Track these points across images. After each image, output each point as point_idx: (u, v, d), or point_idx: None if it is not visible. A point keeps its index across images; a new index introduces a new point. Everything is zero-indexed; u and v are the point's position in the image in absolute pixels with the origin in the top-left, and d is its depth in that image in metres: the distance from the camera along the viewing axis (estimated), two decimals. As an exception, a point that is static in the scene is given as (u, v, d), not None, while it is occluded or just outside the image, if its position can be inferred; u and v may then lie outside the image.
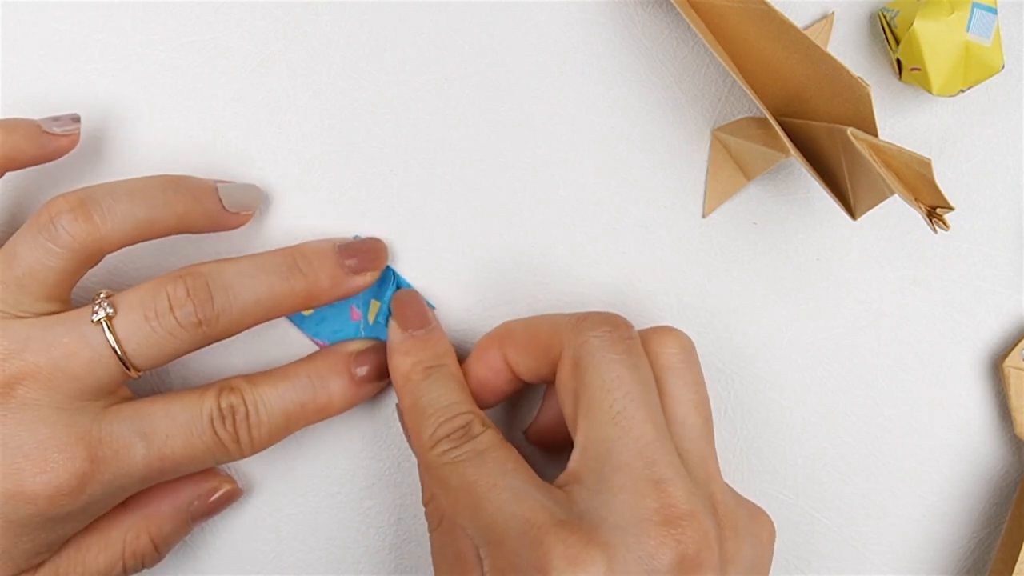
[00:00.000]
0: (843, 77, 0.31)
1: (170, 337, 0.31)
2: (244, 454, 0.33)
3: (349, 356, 0.35)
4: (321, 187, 0.36)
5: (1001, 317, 0.38)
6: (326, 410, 0.34)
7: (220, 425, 0.32)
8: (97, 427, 0.30)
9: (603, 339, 0.31)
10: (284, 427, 0.34)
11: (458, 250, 0.37)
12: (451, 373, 0.34)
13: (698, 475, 0.31)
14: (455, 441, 0.31)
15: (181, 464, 0.32)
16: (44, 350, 0.30)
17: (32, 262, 0.30)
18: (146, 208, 0.31)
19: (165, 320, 0.31)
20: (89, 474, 0.30)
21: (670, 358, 0.32)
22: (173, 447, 0.31)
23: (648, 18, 0.37)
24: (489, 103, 0.36)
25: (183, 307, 0.31)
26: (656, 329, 0.33)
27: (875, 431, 0.38)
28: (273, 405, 0.33)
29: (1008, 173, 0.38)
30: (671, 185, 0.37)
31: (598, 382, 0.31)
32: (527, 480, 0.30)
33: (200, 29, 0.35)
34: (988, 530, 0.39)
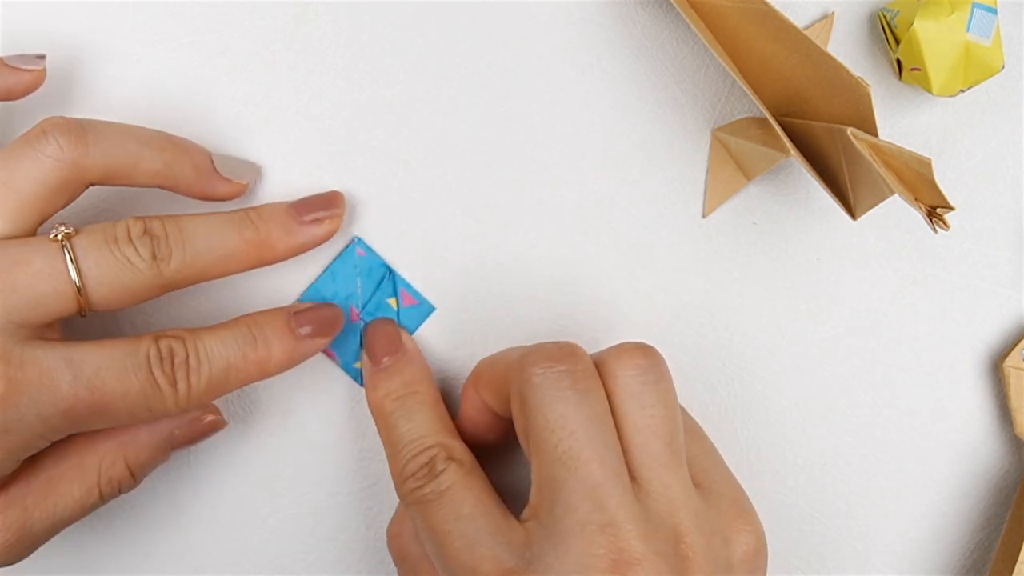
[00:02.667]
0: (843, 77, 0.31)
1: (127, 266, 0.30)
2: (180, 404, 0.31)
3: (289, 314, 0.34)
4: (321, 187, 0.36)
5: (1001, 317, 0.38)
6: (266, 363, 0.33)
7: (158, 366, 0.30)
8: (19, 349, 0.29)
9: (545, 376, 0.30)
10: (224, 379, 0.32)
11: (458, 250, 0.37)
12: (421, 401, 0.34)
13: (658, 507, 0.29)
14: (420, 480, 0.31)
15: (112, 403, 0.30)
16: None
17: (14, 168, 0.30)
18: (137, 144, 0.31)
19: (124, 247, 0.30)
20: (6, 395, 0.28)
21: (625, 380, 0.31)
22: (104, 380, 0.29)
23: (648, 18, 0.37)
24: (489, 103, 0.36)
25: (140, 238, 0.30)
26: (614, 349, 0.32)
27: (875, 431, 0.38)
28: (214, 353, 0.32)
29: (1008, 173, 0.38)
30: (671, 185, 0.37)
31: (541, 422, 0.30)
32: (482, 525, 0.30)
33: (200, 29, 0.35)
34: (988, 530, 0.39)
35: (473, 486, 0.31)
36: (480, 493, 0.31)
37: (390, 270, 0.36)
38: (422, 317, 0.37)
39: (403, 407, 0.33)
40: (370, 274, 0.36)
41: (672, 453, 0.30)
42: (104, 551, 0.37)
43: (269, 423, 0.37)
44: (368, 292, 0.36)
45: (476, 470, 0.32)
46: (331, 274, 0.36)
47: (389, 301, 0.36)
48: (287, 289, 0.36)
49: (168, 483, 0.36)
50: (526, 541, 0.30)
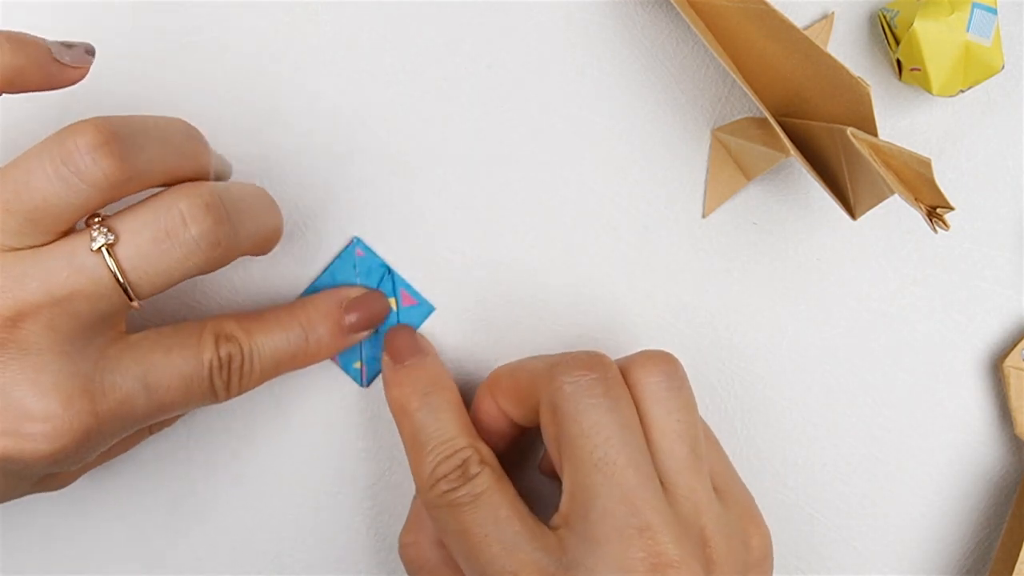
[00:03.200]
0: (843, 77, 0.31)
1: (182, 261, 0.29)
2: (230, 397, 0.32)
3: (340, 304, 0.35)
4: (321, 187, 0.36)
5: (1001, 317, 0.38)
6: (314, 359, 0.34)
7: (217, 374, 0.31)
8: (100, 378, 0.29)
9: (577, 384, 0.31)
10: (272, 373, 0.33)
11: (458, 250, 0.37)
12: (447, 400, 0.33)
13: (685, 511, 0.30)
14: (453, 482, 0.31)
15: (175, 409, 0.31)
16: (41, 286, 0.27)
17: (49, 195, 0.27)
18: (176, 156, 0.30)
19: (178, 244, 0.28)
20: (93, 430, 0.29)
21: (652, 387, 0.31)
22: (173, 396, 0.30)
23: (648, 18, 0.37)
24: (489, 103, 0.36)
25: (202, 223, 0.29)
26: (637, 357, 0.32)
27: (875, 431, 0.38)
28: (266, 354, 0.33)
29: (1008, 173, 0.38)
30: (671, 185, 0.37)
31: (576, 430, 0.30)
32: (519, 530, 0.30)
33: (200, 29, 0.35)
34: (988, 530, 0.39)
35: (507, 491, 0.31)
36: (513, 498, 0.31)
37: (389, 270, 0.36)
38: (422, 317, 0.37)
39: (429, 405, 0.33)
40: (369, 274, 0.36)
41: (696, 458, 0.31)
42: (104, 551, 0.37)
43: (269, 423, 0.37)
44: (368, 292, 0.36)
45: (505, 476, 0.32)
46: (330, 274, 0.36)
47: (389, 301, 0.36)
48: (287, 289, 0.36)
49: (168, 483, 0.36)
50: (560, 547, 0.30)
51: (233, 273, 0.36)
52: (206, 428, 0.36)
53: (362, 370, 0.36)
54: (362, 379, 0.36)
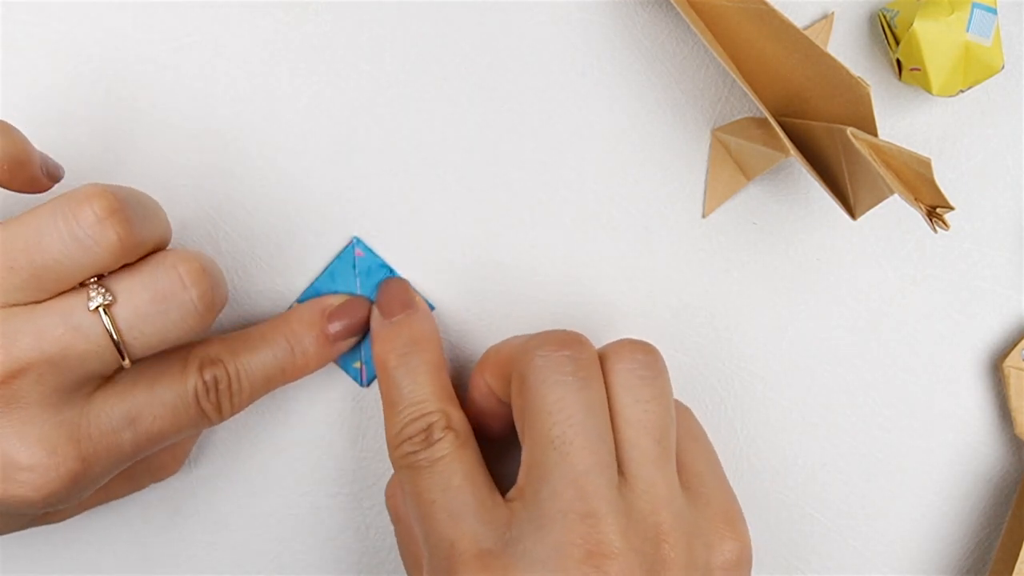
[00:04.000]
0: (843, 77, 0.31)
1: (180, 324, 0.29)
2: (223, 419, 0.33)
3: (323, 313, 0.35)
4: (321, 187, 0.36)
5: (1001, 317, 0.38)
6: (303, 371, 0.34)
7: (204, 398, 0.32)
8: (85, 421, 0.29)
9: (548, 359, 0.30)
10: (263, 391, 0.34)
11: (458, 250, 0.37)
12: (427, 360, 0.33)
13: (640, 504, 0.29)
14: (415, 445, 0.31)
15: (166, 438, 0.31)
16: (34, 344, 0.28)
17: (61, 256, 0.28)
18: (163, 229, 0.31)
19: (177, 305, 0.29)
20: (80, 473, 0.29)
21: (624, 374, 0.31)
22: (161, 426, 0.31)
23: (648, 18, 0.37)
24: (489, 103, 0.36)
25: (200, 285, 0.30)
26: (615, 344, 0.32)
27: (875, 431, 0.38)
28: (254, 372, 0.33)
29: (1008, 173, 0.38)
30: (671, 185, 0.37)
31: (539, 404, 0.30)
32: (468, 500, 0.30)
33: (200, 29, 0.35)
34: (988, 530, 0.39)
35: (465, 459, 0.31)
36: (471, 467, 0.31)
37: (390, 270, 0.36)
38: (422, 317, 0.36)
39: (406, 364, 0.33)
40: (369, 274, 0.36)
41: (662, 450, 0.31)
42: (104, 551, 0.37)
43: (269, 423, 0.37)
44: (367, 292, 0.36)
45: (471, 442, 0.32)
46: (330, 275, 0.36)
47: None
48: (286, 289, 0.36)
49: (168, 483, 0.36)
50: (508, 521, 0.30)
51: (232, 273, 0.36)
52: (206, 430, 0.36)
53: (362, 370, 0.36)
54: (362, 379, 0.36)
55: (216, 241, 0.36)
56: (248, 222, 0.36)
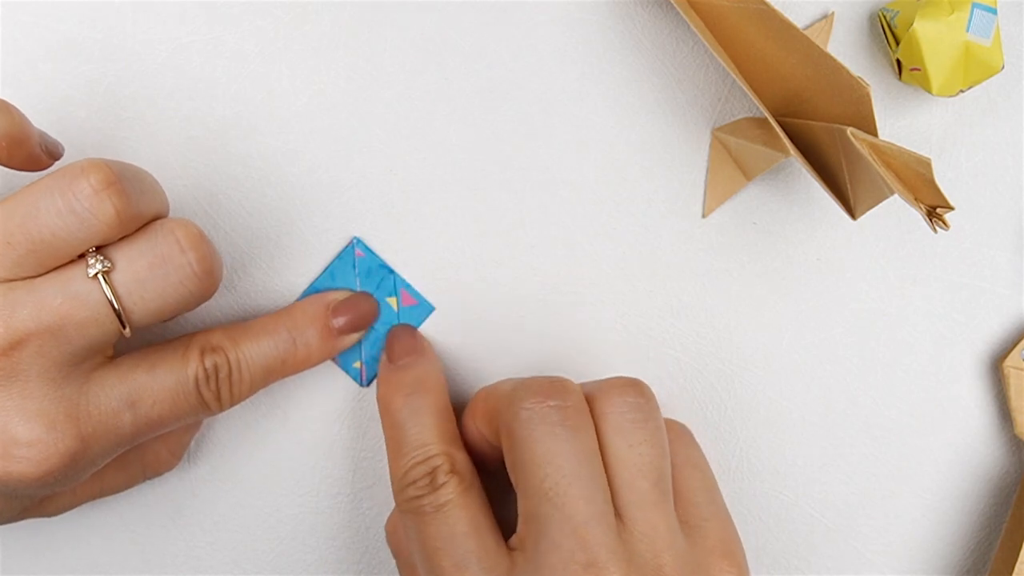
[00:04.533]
0: (843, 77, 0.31)
1: (178, 288, 0.29)
2: (223, 409, 0.32)
3: (327, 307, 0.35)
4: (321, 187, 0.36)
5: (1001, 317, 0.38)
6: (304, 364, 0.34)
7: (204, 385, 0.31)
8: (85, 400, 0.29)
9: (533, 412, 0.30)
10: (264, 381, 0.33)
11: (458, 250, 0.37)
12: (430, 403, 0.33)
13: (642, 548, 0.29)
14: (420, 489, 0.31)
15: (165, 424, 0.31)
16: (33, 314, 0.28)
17: (58, 229, 0.28)
18: (159, 202, 0.31)
19: (176, 269, 0.29)
20: (79, 452, 0.29)
21: (615, 417, 0.31)
22: (160, 411, 0.31)
23: (648, 18, 0.37)
24: (489, 103, 0.36)
25: (198, 249, 0.29)
26: (604, 384, 0.32)
27: (875, 431, 0.38)
28: (255, 362, 0.33)
29: (1008, 173, 0.38)
30: (671, 185, 0.37)
31: (528, 456, 0.30)
32: (472, 548, 0.30)
33: (200, 29, 0.35)
34: (988, 530, 0.39)
35: (470, 504, 0.31)
36: (475, 512, 0.31)
37: (389, 270, 0.36)
38: (422, 317, 0.37)
39: (411, 405, 0.33)
40: (369, 275, 0.36)
41: (659, 492, 0.31)
42: (104, 551, 0.37)
43: (269, 423, 0.37)
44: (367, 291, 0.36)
45: (475, 486, 0.32)
46: (330, 275, 0.36)
47: (389, 301, 0.36)
48: (286, 289, 0.36)
49: (168, 483, 0.36)
50: (511, 571, 0.30)
51: (232, 273, 0.36)
52: (206, 428, 0.36)
53: (362, 370, 0.36)
54: (362, 379, 0.36)
55: (216, 241, 0.36)
56: (248, 222, 0.36)
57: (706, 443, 0.38)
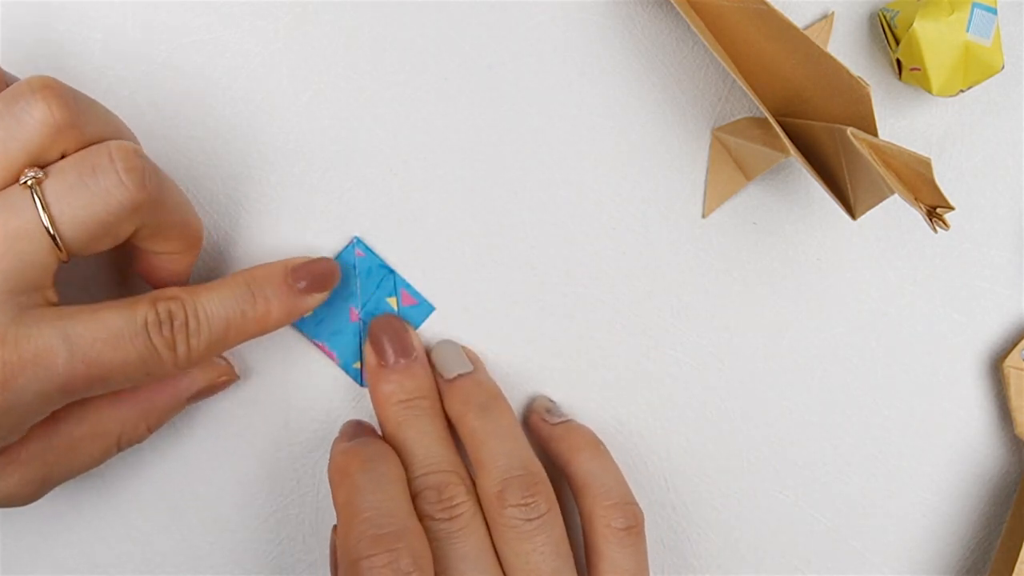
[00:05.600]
0: (843, 77, 0.31)
1: (105, 197, 0.28)
2: (180, 365, 0.30)
3: (287, 268, 0.34)
4: (321, 187, 0.36)
5: (1001, 317, 0.38)
6: (265, 320, 0.32)
7: (156, 331, 0.29)
8: (14, 328, 0.28)
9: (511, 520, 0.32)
10: (223, 338, 0.31)
11: (458, 250, 0.37)
12: (432, 412, 0.34)
13: None
14: (433, 505, 0.32)
15: (110, 373, 0.29)
16: None
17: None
18: (113, 127, 0.30)
19: (104, 176, 0.28)
20: (2, 381, 0.27)
21: (609, 551, 0.33)
22: (101, 352, 0.28)
23: (648, 18, 0.37)
24: (489, 103, 0.36)
25: (129, 160, 0.28)
26: (599, 509, 0.33)
27: (875, 431, 0.38)
28: (213, 312, 0.31)
29: (1008, 173, 0.38)
30: (671, 185, 0.37)
31: None
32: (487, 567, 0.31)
33: (200, 29, 0.35)
34: (988, 530, 0.39)
35: (478, 528, 0.32)
36: (484, 536, 0.32)
37: (390, 270, 0.36)
38: (422, 317, 0.37)
39: (413, 415, 0.33)
40: (369, 275, 0.36)
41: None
42: (104, 551, 0.37)
43: (269, 423, 0.37)
44: (367, 292, 0.36)
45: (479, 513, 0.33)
46: (331, 274, 0.36)
47: (389, 301, 0.36)
48: (287, 289, 0.36)
49: (168, 483, 0.36)
50: None
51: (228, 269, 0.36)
52: (206, 428, 0.36)
53: (362, 370, 0.36)
54: (362, 379, 0.36)
55: (216, 242, 0.36)
56: (248, 222, 0.36)
57: (706, 443, 0.38)
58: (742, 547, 0.38)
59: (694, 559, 0.38)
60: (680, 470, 0.38)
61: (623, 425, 0.38)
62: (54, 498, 0.36)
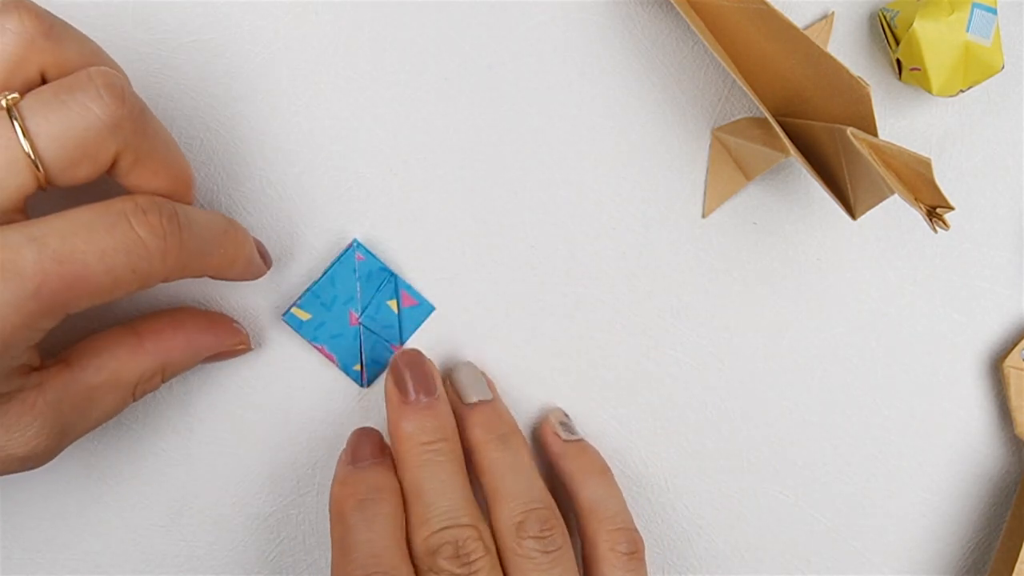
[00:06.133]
0: (843, 77, 0.31)
1: (83, 112, 0.27)
2: (168, 262, 0.28)
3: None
4: (321, 187, 0.36)
5: (1001, 317, 0.38)
6: (241, 247, 0.32)
7: (139, 218, 0.27)
8: None
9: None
10: (207, 247, 0.30)
11: (458, 250, 0.37)
12: (453, 458, 0.33)
13: None
14: (459, 566, 0.31)
15: (88, 270, 0.27)
16: None
17: None
18: (94, 54, 0.29)
19: (82, 92, 0.27)
20: None
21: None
22: (73, 245, 0.26)
23: (648, 18, 0.37)
24: (489, 103, 0.36)
25: (106, 77, 0.28)
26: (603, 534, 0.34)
27: (875, 431, 0.38)
28: (198, 218, 0.30)
29: (1008, 173, 0.38)
30: (671, 185, 0.37)
31: None
32: None
33: (200, 29, 0.35)
34: (988, 530, 0.39)
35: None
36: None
37: (390, 273, 0.36)
38: (422, 317, 0.37)
39: (434, 460, 0.33)
40: (369, 278, 0.36)
41: None
42: (104, 551, 0.37)
43: (269, 423, 0.37)
44: (367, 296, 0.36)
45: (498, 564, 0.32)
46: (330, 279, 0.36)
47: (389, 304, 0.36)
48: (286, 290, 0.36)
49: (168, 483, 0.36)
50: None
51: (233, 273, 0.36)
52: (206, 428, 0.36)
53: (362, 372, 0.36)
54: (362, 380, 0.36)
55: (216, 241, 0.36)
56: (248, 222, 0.36)
57: (706, 443, 0.38)
58: (742, 547, 0.38)
59: (694, 559, 0.38)
60: (680, 470, 0.38)
61: (623, 425, 0.38)
62: (54, 498, 0.36)
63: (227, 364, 0.36)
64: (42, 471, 0.36)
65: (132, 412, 0.36)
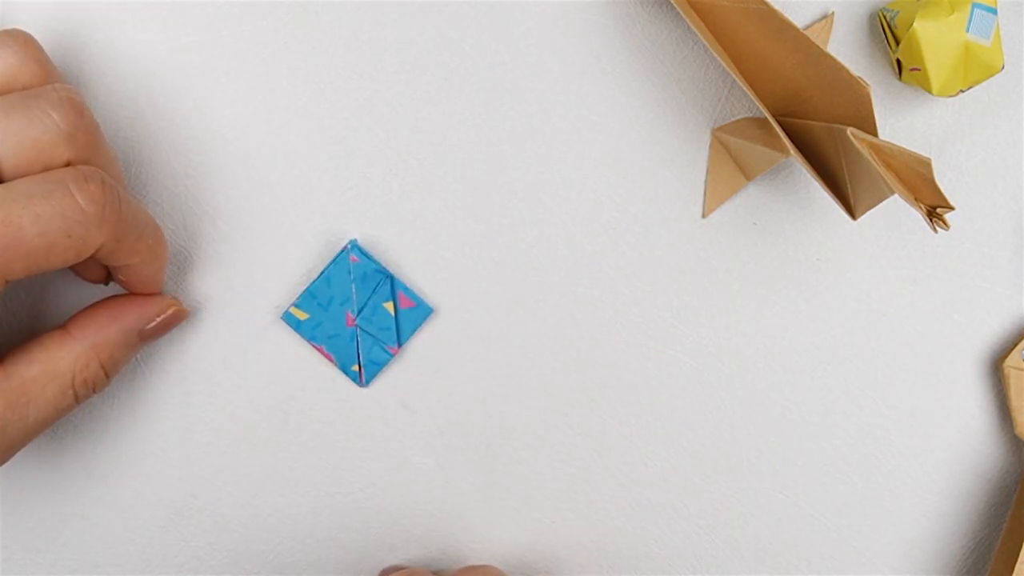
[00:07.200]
0: (843, 77, 0.31)
1: (42, 117, 0.28)
2: (105, 227, 0.29)
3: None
4: (321, 187, 0.36)
5: (1001, 317, 0.38)
6: (166, 249, 0.33)
7: (81, 185, 0.28)
8: None
9: None
10: (145, 228, 0.31)
11: (458, 250, 0.37)
12: None
13: None
14: None
15: (23, 234, 0.27)
16: None
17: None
18: None
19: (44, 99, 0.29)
20: None
21: None
22: (9, 209, 0.27)
23: (648, 18, 0.37)
24: (489, 103, 0.36)
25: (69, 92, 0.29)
26: None
27: (875, 431, 0.38)
28: (136, 204, 0.31)
29: (1008, 173, 0.38)
30: (671, 185, 0.37)
31: None
32: None
33: (200, 29, 0.35)
34: (988, 530, 0.39)
35: None
36: None
37: (387, 274, 0.36)
38: (420, 319, 0.36)
39: None
40: (365, 280, 0.36)
41: None
42: (104, 551, 0.37)
43: (269, 423, 0.37)
44: (363, 298, 0.36)
45: None
46: (326, 280, 0.36)
47: (386, 306, 0.36)
48: (285, 290, 0.36)
49: (168, 483, 0.36)
50: None
51: (232, 274, 0.36)
52: (206, 428, 0.36)
53: (360, 372, 0.36)
54: (360, 380, 0.36)
55: (215, 242, 0.36)
56: (248, 222, 0.36)
57: (706, 443, 0.38)
58: (742, 547, 0.38)
59: (694, 559, 0.38)
60: (680, 470, 0.38)
61: (623, 425, 0.38)
62: (54, 498, 0.36)
63: (227, 364, 0.36)
64: (42, 471, 0.36)
65: (132, 412, 0.36)
